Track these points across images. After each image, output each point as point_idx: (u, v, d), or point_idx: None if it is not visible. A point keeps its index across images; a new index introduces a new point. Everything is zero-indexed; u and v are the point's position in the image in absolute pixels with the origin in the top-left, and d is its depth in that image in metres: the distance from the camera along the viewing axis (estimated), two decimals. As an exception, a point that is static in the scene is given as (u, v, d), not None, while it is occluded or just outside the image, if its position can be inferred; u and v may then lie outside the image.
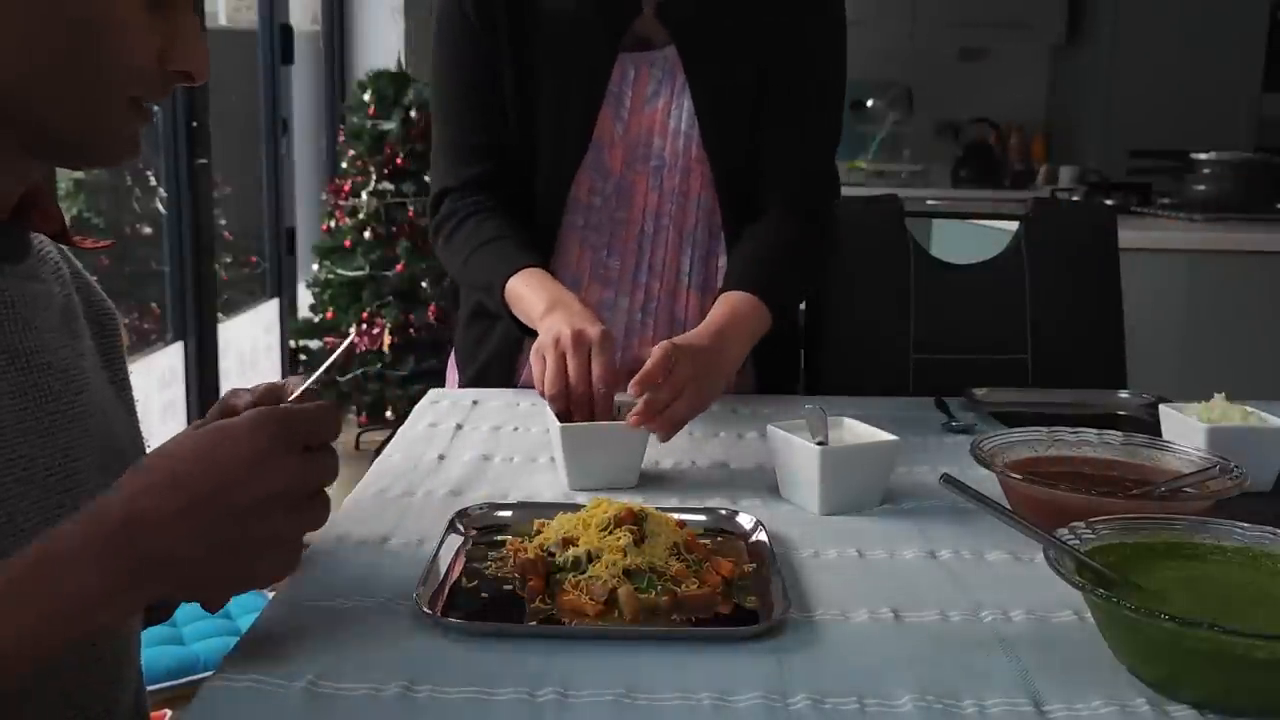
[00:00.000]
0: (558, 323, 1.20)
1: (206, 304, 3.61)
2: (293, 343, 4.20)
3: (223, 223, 4.03)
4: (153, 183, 3.53)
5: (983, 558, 0.95)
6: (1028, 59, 5.55)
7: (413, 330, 3.96)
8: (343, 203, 4.02)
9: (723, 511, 1.00)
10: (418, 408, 1.42)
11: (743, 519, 0.98)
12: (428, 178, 3.88)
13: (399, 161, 3.94)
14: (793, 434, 1.07)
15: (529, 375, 1.35)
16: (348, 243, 3.98)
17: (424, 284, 3.97)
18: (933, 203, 4.21)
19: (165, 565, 0.64)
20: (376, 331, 3.95)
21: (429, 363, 3.96)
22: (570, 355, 1.16)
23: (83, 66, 0.69)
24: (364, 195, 3.98)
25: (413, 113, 3.93)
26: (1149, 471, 1.07)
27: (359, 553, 0.93)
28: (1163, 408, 1.22)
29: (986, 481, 1.02)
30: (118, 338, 0.90)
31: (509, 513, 1.00)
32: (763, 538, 0.94)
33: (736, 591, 0.85)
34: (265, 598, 2.07)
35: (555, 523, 0.91)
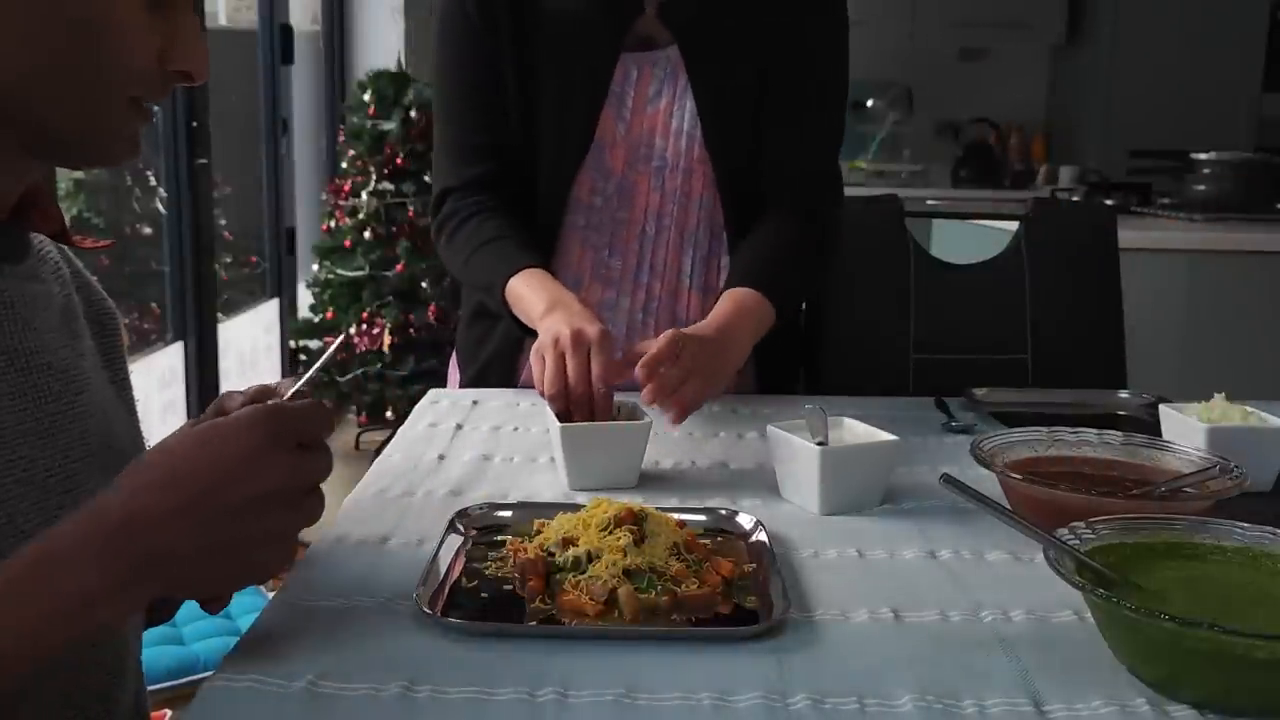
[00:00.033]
0: (557, 323, 1.20)
1: (206, 304, 3.61)
2: (293, 343, 4.20)
3: (223, 223, 4.03)
4: (153, 183, 3.53)
5: (983, 558, 0.95)
6: (1028, 59, 5.56)
7: (413, 330, 3.96)
8: (343, 203, 4.02)
9: (723, 511, 1.00)
10: (418, 408, 1.42)
11: (743, 519, 0.98)
12: (428, 178, 3.89)
13: (399, 161, 3.94)
14: (793, 434, 1.07)
15: (529, 375, 1.35)
16: (348, 243, 3.98)
17: (424, 284, 3.97)
18: (933, 203, 4.21)
19: (164, 563, 0.64)
20: (376, 331, 3.95)
21: (429, 363, 3.96)
22: (569, 355, 1.16)
23: (83, 66, 0.69)
24: (364, 195, 3.98)
25: (413, 113, 3.93)
26: (1149, 471, 1.07)
27: (359, 553, 0.93)
28: (1163, 408, 1.22)
29: (986, 481, 1.02)
30: (118, 337, 0.90)
31: (509, 513, 1.00)
32: (763, 538, 0.94)
33: (736, 591, 0.85)
34: (265, 598, 2.07)
35: (555, 523, 0.91)
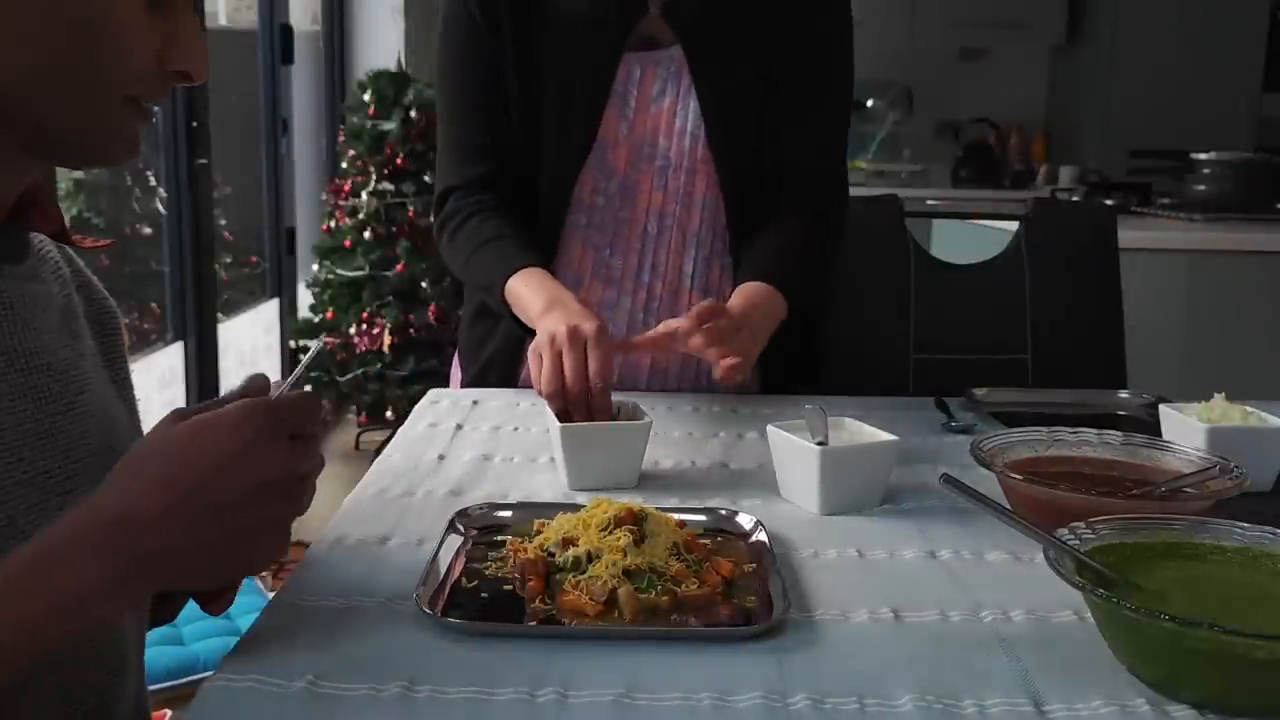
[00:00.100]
0: (554, 321, 1.20)
1: (206, 304, 3.60)
2: (293, 343, 4.20)
3: (223, 223, 4.03)
4: (153, 183, 3.53)
5: (983, 558, 0.95)
6: (1028, 59, 5.56)
7: (413, 330, 3.96)
8: (343, 203, 4.02)
9: (723, 511, 1.00)
10: (418, 408, 1.42)
11: (743, 519, 0.98)
12: (428, 178, 3.89)
13: (399, 161, 3.94)
14: (793, 434, 1.07)
15: (530, 375, 1.35)
16: (348, 243, 3.98)
17: (424, 284, 3.97)
18: (933, 203, 4.22)
19: (160, 558, 0.64)
20: (376, 331, 3.95)
21: (429, 363, 3.96)
22: (566, 352, 1.16)
23: (83, 66, 0.69)
24: (364, 195, 3.97)
25: (413, 113, 3.93)
26: (1149, 471, 1.07)
27: (359, 553, 0.93)
28: (1163, 408, 1.22)
29: (986, 481, 1.02)
30: (119, 337, 0.90)
31: (509, 513, 1.00)
32: (763, 538, 0.94)
33: (736, 591, 0.85)
34: (265, 598, 2.07)
35: (555, 523, 0.91)
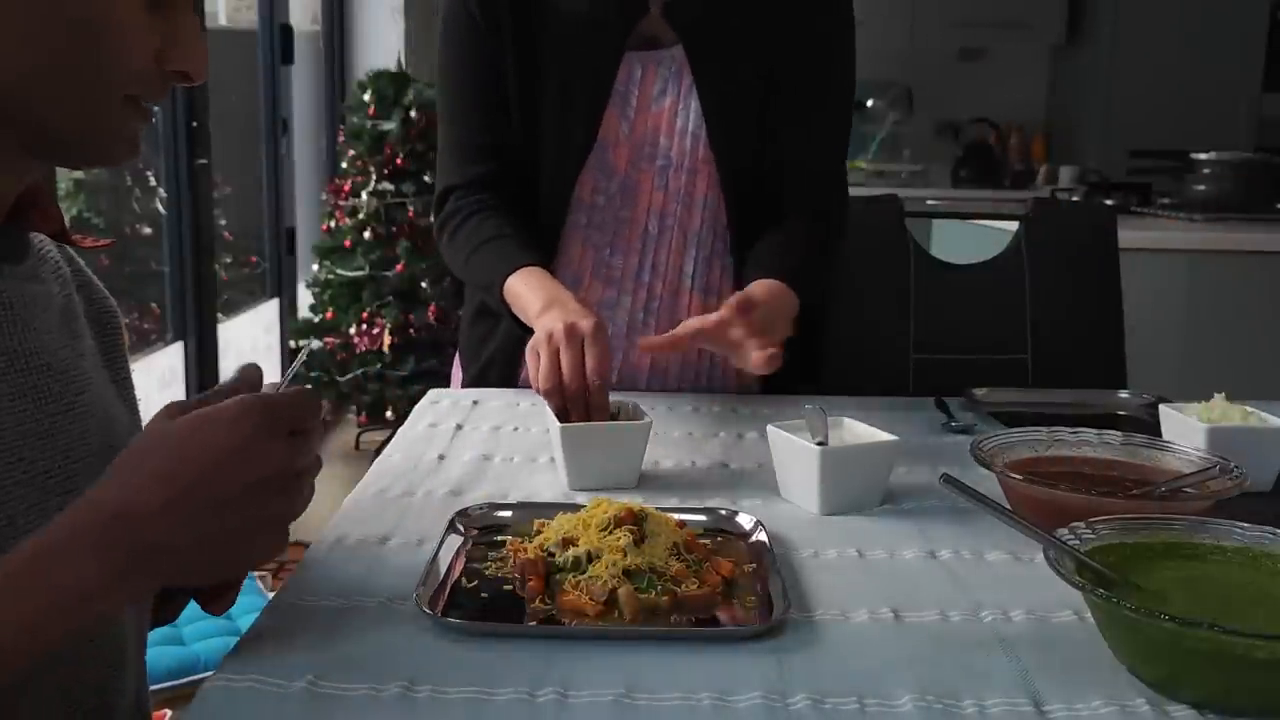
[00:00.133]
0: (552, 319, 1.20)
1: (206, 304, 3.60)
2: (293, 343, 4.20)
3: (223, 223, 4.03)
4: (153, 183, 3.53)
5: (983, 558, 0.95)
6: (1028, 59, 5.56)
7: (413, 330, 3.96)
8: (343, 203, 4.02)
9: (723, 511, 1.00)
10: (418, 408, 1.42)
11: (743, 519, 0.98)
12: (428, 178, 3.89)
13: (399, 161, 3.94)
14: (793, 434, 1.07)
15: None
16: (348, 243, 3.98)
17: (424, 284, 3.97)
18: (933, 203, 4.22)
19: (160, 554, 0.64)
20: (376, 331, 3.95)
21: (429, 363, 3.96)
22: (564, 349, 1.16)
23: (82, 66, 0.69)
24: (364, 195, 3.97)
25: (413, 113, 3.92)
26: (1149, 471, 1.07)
27: (359, 553, 0.93)
28: (1163, 408, 1.22)
29: (986, 481, 1.02)
30: (119, 337, 0.90)
31: (509, 513, 1.00)
32: (763, 538, 0.94)
33: (736, 591, 0.85)
34: (265, 598, 2.07)
35: (555, 523, 0.91)
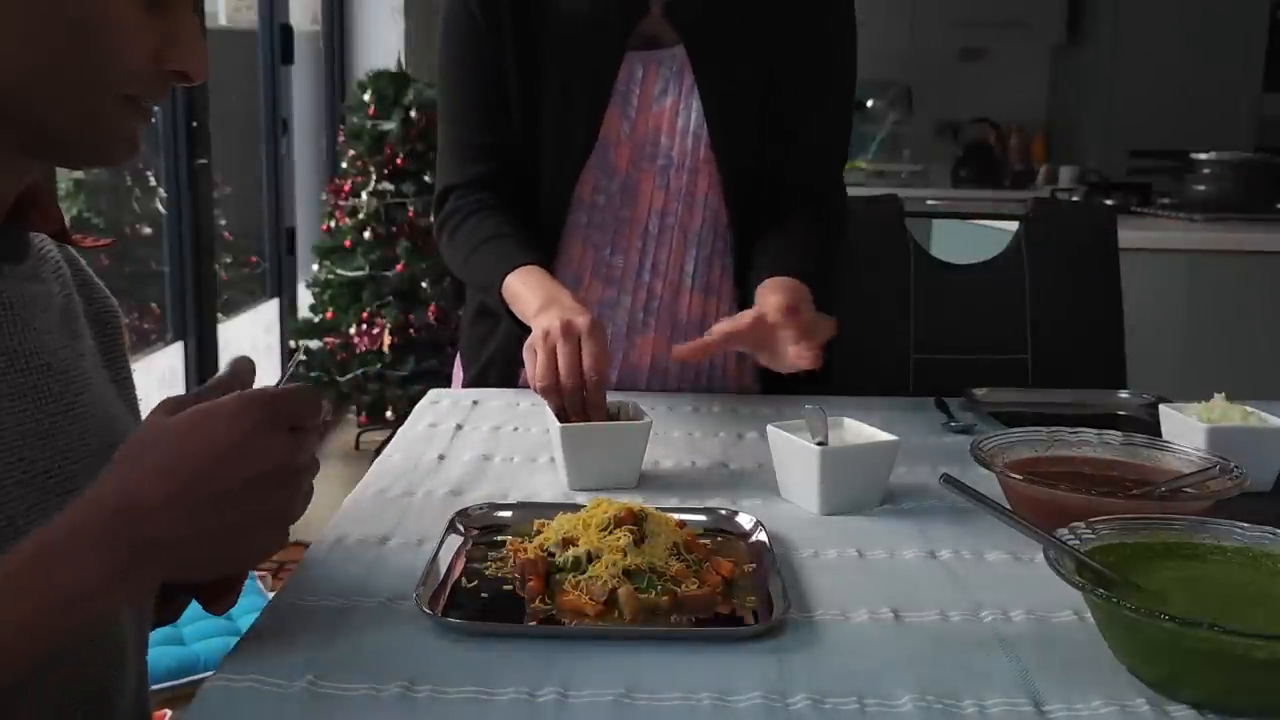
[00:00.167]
0: (549, 318, 1.20)
1: (206, 304, 3.60)
2: (293, 343, 4.20)
3: (223, 223, 4.03)
4: (153, 183, 3.53)
5: (983, 558, 0.95)
6: (1028, 59, 5.56)
7: (413, 330, 3.96)
8: (343, 203, 4.02)
9: (723, 511, 1.00)
10: (418, 408, 1.42)
11: (743, 519, 0.98)
12: (428, 178, 3.89)
13: (399, 161, 3.94)
14: (793, 434, 1.07)
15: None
16: (348, 243, 3.98)
17: (424, 284, 3.97)
18: (933, 203, 4.22)
19: (161, 549, 0.64)
20: (376, 331, 3.95)
21: (429, 363, 3.96)
22: (560, 346, 1.16)
23: (80, 66, 0.69)
24: (364, 195, 3.97)
25: (413, 113, 3.92)
26: (1149, 471, 1.07)
27: (359, 553, 0.93)
28: (1163, 408, 1.22)
29: (986, 481, 1.02)
30: (120, 336, 0.90)
31: (509, 513, 1.00)
32: (763, 538, 0.94)
33: (736, 591, 0.85)
34: (265, 598, 2.07)
35: (555, 523, 0.91)
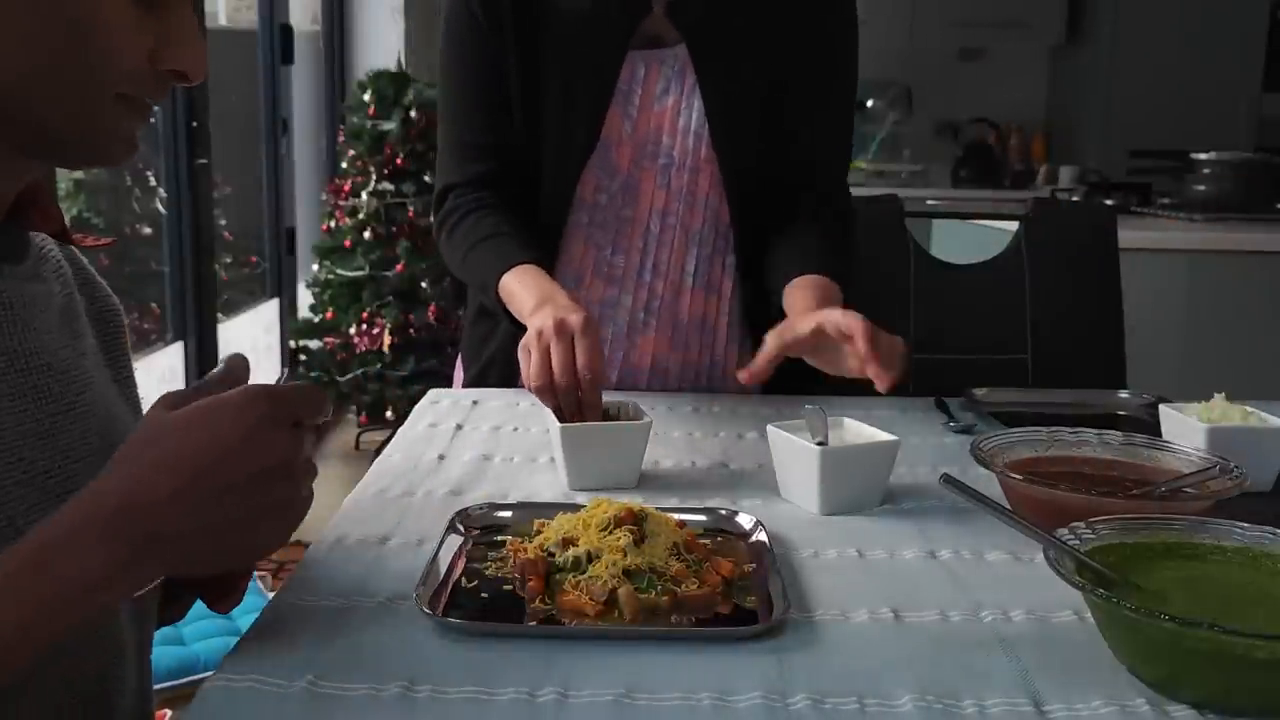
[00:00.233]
0: (543, 317, 1.20)
1: (206, 304, 3.60)
2: (293, 343, 4.20)
3: (223, 223, 4.03)
4: (153, 183, 3.53)
5: (983, 558, 0.95)
6: (1027, 59, 5.56)
7: (413, 330, 3.96)
8: (343, 203, 4.02)
9: (723, 511, 1.00)
10: (418, 408, 1.42)
11: (743, 519, 0.98)
12: (428, 178, 3.89)
13: (399, 161, 3.94)
14: (793, 434, 1.07)
15: (525, 373, 1.35)
16: (348, 243, 3.98)
17: (424, 284, 3.97)
18: (933, 203, 4.22)
19: (164, 543, 0.64)
20: (376, 331, 3.95)
21: (429, 363, 3.96)
22: (554, 345, 1.16)
23: (77, 66, 0.69)
24: (364, 195, 3.97)
25: (413, 113, 3.92)
26: (1149, 471, 1.07)
27: (359, 553, 0.93)
28: (1163, 408, 1.22)
29: (986, 481, 1.02)
30: (121, 335, 0.90)
31: (509, 513, 1.00)
32: (763, 538, 0.94)
33: (736, 591, 0.85)
34: (265, 598, 2.07)
35: (555, 523, 0.91)
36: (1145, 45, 4.94)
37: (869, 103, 5.40)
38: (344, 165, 4.07)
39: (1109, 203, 3.64)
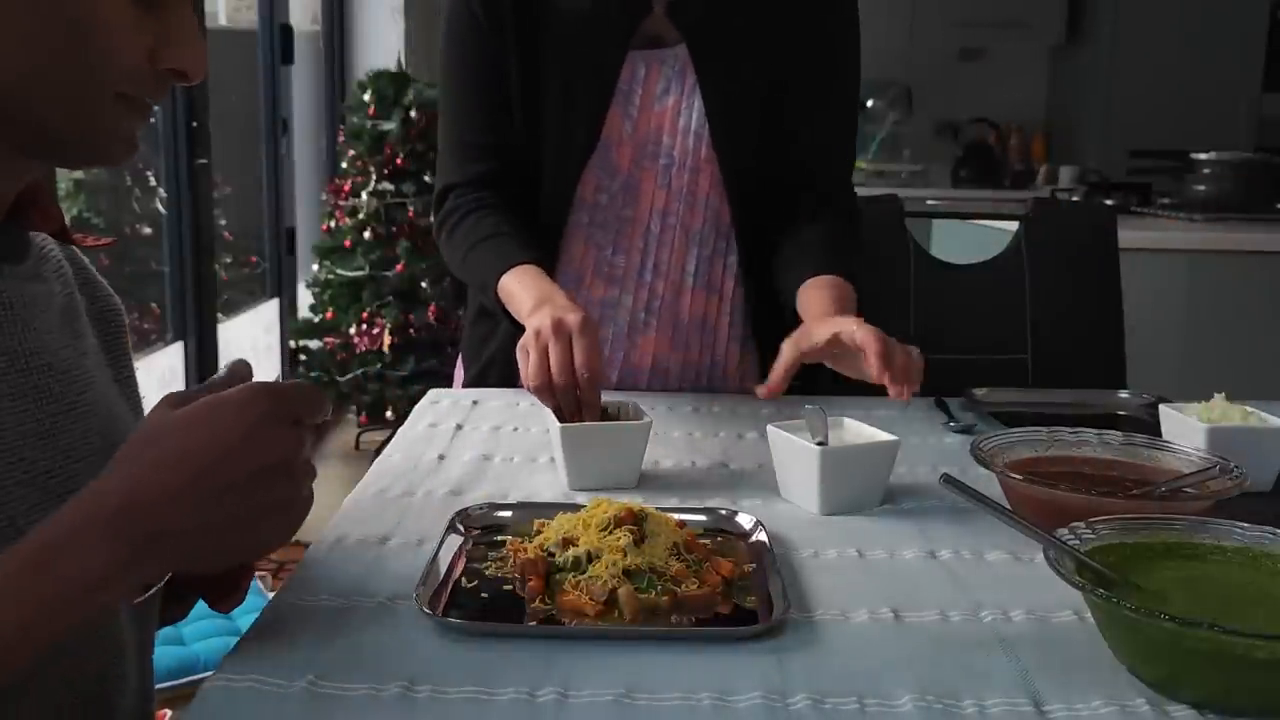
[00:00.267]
0: (541, 317, 1.20)
1: (206, 304, 3.60)
2: (293, 343, 4.20)
3: (223, 223, 4.03)
4: (153, 183, 3.53)
5: (983, 558, 0.95)
6: (1027, 59, 5.56)
7: (413, 330, 3.96)
8: (343, 203, 4.02)
9: (723, 511, 1.00)
10: (418, 408, 1.42)
11: (743, 519, 0.98)
12: (428, 178, 3.89)
13: (399, 161, 3.94)
14: (793, 434, 1.07)
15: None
16: (348, 243, 3.98)
17: (424, 284, 3.97)
18: (933, 203, 4.22)
19: (167, 541, 0.64)
20: (376, 331, 3.95)
21: (429, 363, 3.96)
22: (551, 345, 1.16)
23: (77, 66, 0.69)
24: (364, 195, 3.97)
25: (413, 113, 3.92)
26: (1149, 471, 1.07)
27: (359, 553, 0.93)
28: (1163, 408, 1.22)
29: (986, 481, 1.02)
30: (122, 335, 0.90)
31: (509, 513, 1.00)
32: (763, 538, 0.94)
33: (736, 591, 0.85)
34: (265, 598, 2.07)
35: (555, 523, 0.91)
36: (1145, 45, 4.94)
37: (869, 103, 5.40)
38: (344, 165, 4.07)
39: (1109, 203, 3.64)
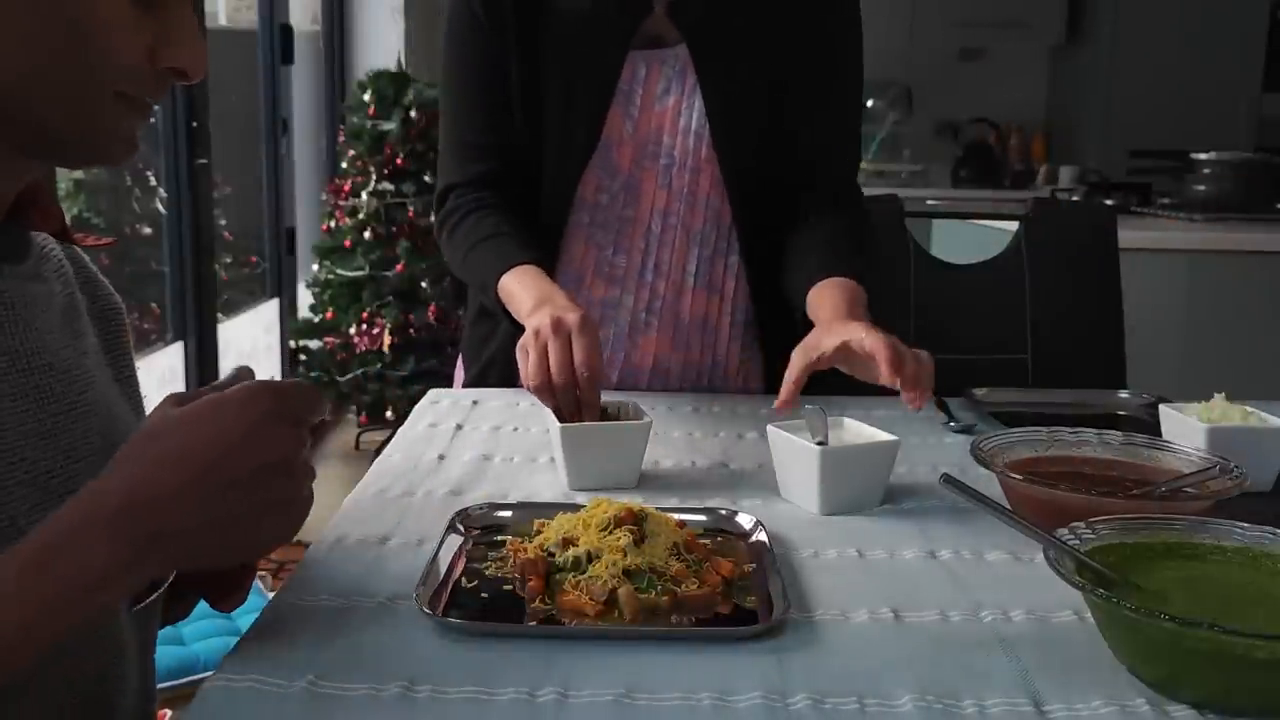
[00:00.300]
0: (540, 317, 1.20)
1: (206, 304, 3.60)
2: (293, 343, 4.20)
3: (223, 223, 4.03)
4: (153, 183, 3.53)
5: (983, 558, 0.95)
6: (1027, 59, 5.56)
7: (413, 330, 3.96)
8: (343, 203, 4.02)
9: (723, 511, 1.00)
10: (418, 408, 1.42)
11: (743, 519, 0.98)
12: (428, 178, 3.89)
13: (399, 161, 3.94)
14: (793, 434, 1.07)
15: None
16: (348, 243, 3.98)
17: (424, 284, 3.97)
18: (933, 203, 4.22)
19: (168, 540, 0.64)
20: (376, 331, 3.95)
21: (429, 363, 3.96)
22: (551, 344, 1.16)
23: (76, 66, 0.69)
24: (364, 195, 3.97)
25: (413, 113, 3.92)
26: (1149, 471, 1.07)
27: (359, 553, 0.93)
28: (1163, 408, 1.22)
29: (986, 481, 1.02)
30: (123, 334, 0.90)
31: (509, 513, 1.00)
32: (763, 538, 0.94)
33: (736, 591, 0.85)
34: (265, 598, 2.07)
35: (555, 523, 0.91)
36: (1145, 45, 4.94)
37: (869, 103, 5.40)
38: (344, 165, 4.07)
39: (1109, 203, 3.64)
